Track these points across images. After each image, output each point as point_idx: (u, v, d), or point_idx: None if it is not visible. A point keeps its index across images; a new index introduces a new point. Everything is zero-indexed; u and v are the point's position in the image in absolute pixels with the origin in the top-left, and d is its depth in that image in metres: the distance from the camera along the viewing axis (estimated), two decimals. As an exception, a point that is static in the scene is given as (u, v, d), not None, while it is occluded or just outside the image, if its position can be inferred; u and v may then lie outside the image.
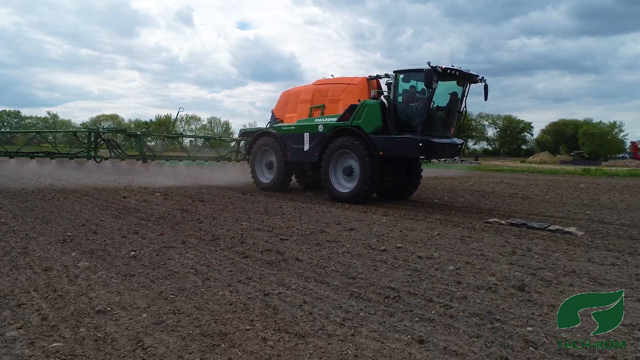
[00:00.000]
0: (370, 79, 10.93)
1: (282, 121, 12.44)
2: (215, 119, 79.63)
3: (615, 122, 64.89)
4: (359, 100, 10.21)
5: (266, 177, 12.35)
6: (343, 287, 4.04)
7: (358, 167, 9.82)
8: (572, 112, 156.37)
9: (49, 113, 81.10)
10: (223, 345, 2.83)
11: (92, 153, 13.01)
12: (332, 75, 12.00)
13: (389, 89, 10.21)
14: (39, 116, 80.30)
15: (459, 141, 10.40)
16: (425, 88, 9.32)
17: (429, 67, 8.77)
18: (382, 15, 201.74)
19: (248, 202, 9.55)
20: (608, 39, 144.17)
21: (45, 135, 17.07)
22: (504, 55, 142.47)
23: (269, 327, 3.12)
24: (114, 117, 78.23)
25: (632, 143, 60.84)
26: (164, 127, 71.66)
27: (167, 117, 77.80)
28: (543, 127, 77.86)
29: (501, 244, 6.07)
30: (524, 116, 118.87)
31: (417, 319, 3.36)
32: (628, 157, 53.84)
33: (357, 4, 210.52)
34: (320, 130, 10.70)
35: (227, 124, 78.12)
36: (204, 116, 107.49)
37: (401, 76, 9.81)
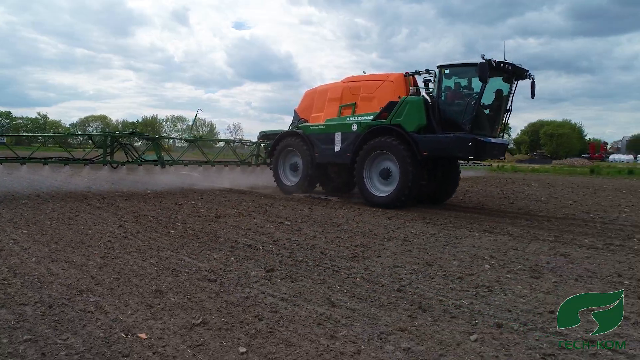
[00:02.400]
0: (407, 75, 10.48)
1: (306, 121, 12.08)
2: (200, 119, 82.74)
3: (575, 124, 69.22)
4: (398, 97, 9.86)
5: (290, 180, 11.99)
6: (144, 222, 7.09)
7: (397, 169, 9.43)
8: (568, 112, 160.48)
9: (39, 114, 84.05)
10: (32, 226, 6.04)
11: (109, 158, 12.07)
12: (363, 72, 11.71)
13: (426, 86, 10.10)
14: (30, 117, 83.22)
15: (506, 141, 10.05)
16: (469, 85, 9.41)
17: (483, 60, 8.49)
18: (378, 15, 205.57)
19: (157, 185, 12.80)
20: (603, 40, 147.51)
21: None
22: (500, 56, 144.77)
23: (73, 230, 6.25)
24: (102, 118, 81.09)
25: (590, 144, 64.50)
26: (150, 128, 74.47)
27: (154, 118, 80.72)
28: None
29: (281, 205, 9.37)
30: (520, 117, 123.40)
31: (163, 228, 6.53)
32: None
33: (352, 3, 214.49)
34: (354, 130, 10.33)
35: (211, 124, 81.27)
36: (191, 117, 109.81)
37: (446, 71, 9.48)
